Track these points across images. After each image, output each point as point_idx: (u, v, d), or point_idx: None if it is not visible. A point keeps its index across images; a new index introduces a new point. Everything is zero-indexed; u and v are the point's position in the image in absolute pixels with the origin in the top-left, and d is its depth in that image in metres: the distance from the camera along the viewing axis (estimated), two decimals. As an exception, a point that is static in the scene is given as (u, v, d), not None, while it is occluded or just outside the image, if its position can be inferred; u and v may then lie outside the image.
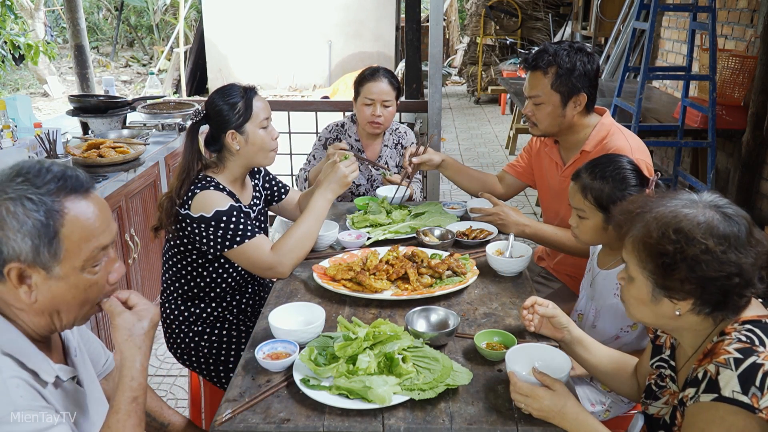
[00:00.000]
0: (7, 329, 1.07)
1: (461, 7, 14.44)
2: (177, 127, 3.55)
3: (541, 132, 2.21)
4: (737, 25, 4.36)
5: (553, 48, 2.10)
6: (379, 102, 2.64)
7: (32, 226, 1.03)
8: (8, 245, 1.03)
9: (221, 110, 1.94)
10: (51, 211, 1.04)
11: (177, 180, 1.92)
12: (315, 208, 1.98)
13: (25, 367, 1.05)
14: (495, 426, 1.31)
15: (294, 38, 10.70)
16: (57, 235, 1.05)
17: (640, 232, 1.20)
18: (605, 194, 1.73)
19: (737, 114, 4.05)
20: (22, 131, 3.05)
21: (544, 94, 2.11)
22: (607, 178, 1.74)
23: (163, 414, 1.51)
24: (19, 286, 1.05)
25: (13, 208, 1.02)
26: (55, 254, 1.05)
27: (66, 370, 1.14)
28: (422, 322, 1.65)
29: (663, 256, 1.16)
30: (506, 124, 8.13)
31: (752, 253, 1.14)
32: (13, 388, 1.00)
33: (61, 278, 1.07)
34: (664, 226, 1.16)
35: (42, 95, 10.87)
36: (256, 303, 2.19)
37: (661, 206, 1.20)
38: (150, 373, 2.97)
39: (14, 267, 1.04)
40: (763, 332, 1.14)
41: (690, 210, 1.17)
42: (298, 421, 1.33)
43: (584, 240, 1.84)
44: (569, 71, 2.07)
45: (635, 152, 2.04)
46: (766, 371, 1.08)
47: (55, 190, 1.05)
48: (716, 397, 1.10)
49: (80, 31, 4.39)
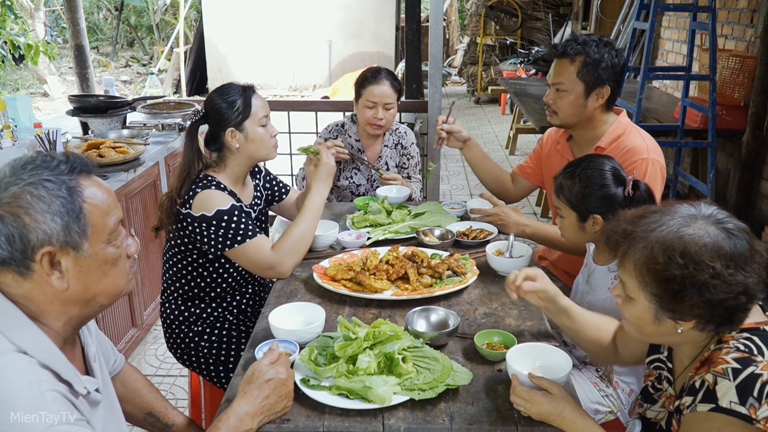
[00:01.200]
0: (42, 339, 1.06)
1: (461, 7, 14.44)
2: (177, 127, 3.55)
3: (560, 121, 2.20)
4: (737, 25, 4.36)
5: (583, 38, 2.10)
6: (381, 105, 2.64)
7: (60, 204, 1.04)
8: (38, 230, 1.02)
9: (220, 108, 1.94)
10: (71, 189, 1.06)
11: (177, 180, 1.92)
12: (312, 206, 2.00)
13: (60, 378, 1.05)
14: (495, 426, 1.31)
15: (294, 38, 10.70)
16: (82, 211, 1.06)
17: (642, 256, 1.14)
18: (574, 193, 1.75)
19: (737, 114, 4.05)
20: (22, 131, 3.05)
21: (569, 82, 2.11)
22: (576, 177, 1.75)
23: (168, 414, 1.52)
24: (51, 272, 1.05)
25: (36, 191, 1.03)
26: (83, 230, 1.06)
27: (91, 381, 1.14)
28: (422, 322, 1.65)
29: (670, 281, 1.11)
30: (506, 124, 8.13)
31: (756, 269, 1.12)
32: (51, 401, 1.00)
33: (90, 256, 1.08)
34: (669, 250, 1.11)
35: (42, 95, 10.87)
36: (256, 303, 2.19)
37: (661, 226, 1.15)
38: (150, 373, 2.97)
39: (47, 251, 1.03)
40: (762, 341, 1.13)
41: (693, 229, 1.12)
42: (298, 421, 1.33)
43: (568, 238, 1.85)
44: (596, 62, 2.06)
45: (651, 152, 2.03)
46: (764, 381, 1.07)
47: (68, 170, 1.07)
48: (714, 407, 1.09)
49: (80, 31, 4.39)
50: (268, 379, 1.32)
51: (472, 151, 2.55)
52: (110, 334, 2.81)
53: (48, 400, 0.99)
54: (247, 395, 1.30)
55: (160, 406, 1.52)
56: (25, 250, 1.02)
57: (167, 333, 2.11)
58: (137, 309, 3.06)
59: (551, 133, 2.43)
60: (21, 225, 1.02)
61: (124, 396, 1.46)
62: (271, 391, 1.31)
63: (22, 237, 1.02)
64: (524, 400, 1.30)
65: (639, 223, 1.19)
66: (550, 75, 2.18)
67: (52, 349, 1.07)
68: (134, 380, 1.51)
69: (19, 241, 1.02)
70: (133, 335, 3.04)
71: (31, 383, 0.99)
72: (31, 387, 0.99)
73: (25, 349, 1.03)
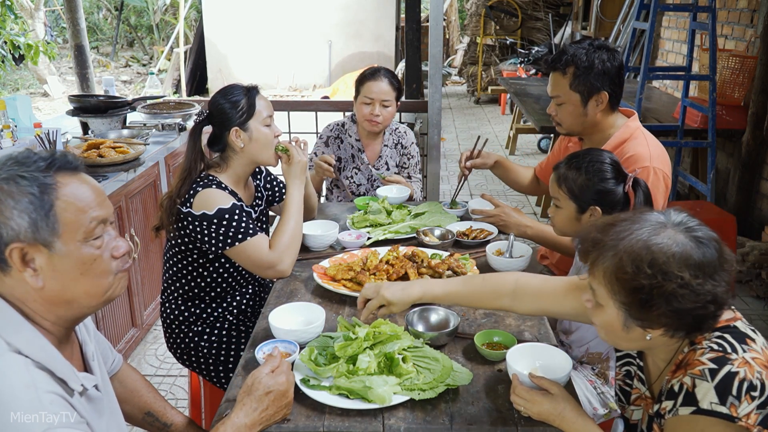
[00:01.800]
0: (35, 337, 1.06)
1: (461, 7, 14.44)
2: (177, 127, 3.55)
3: (565, 131, 2.21)
4: (737, 25, 4.36)
5: (573, 48, 2.09)
6: (378, 101, 2.64)
7: (28, 201, 1.03)
8: (7, 226, 1.03)
9: (224, 108, 1.95)
10: (44, 185, 1.05)
11: (179, 180, 1.92)
12: (292, 203, 2.01)
13: (55, 376, 1.05)
14: (495, 426, 1.31)
15: (294, 38, 10.70)
16: (53, 208, 1.05)
17: (611, 265, 1.14)
18: (578, 184, 1.76)
19: (737, 114, 4.05)
20: (22, 131, 3.05)
21: (564, 95, 2.11)
22: (582, 168, 1.76)
23: (167, 414, 1.52)
24: (24, 269, 1.05)
25: (7, 187, 1.03)
26: (53, 228, 1.05)
27: (89, 378, 1.14)
28: (422, 322, 1.65)
29: (638, 291, 1.11)
30: (506, 124, 8.13)
31: (725, 277, 1.12)
32: (48, 404, 0.99)
33: (65, 255, 1.07)
34: (637, 260, 1.11)
35: (42, 95, 10.87)
36: (256, 303, 2.19)
37: (630, 234, 1.14)
38: (150, 373, 2.97)
39: (15, 247, 1.03)
40: (733, 337, 1.14)
41: (661, 239, 1.11)
42: (298, 421, 1.33)
43: (560, 229, 1.86)
44: (587, 70, 2.05)
45: (654, 160, 2.01)
46: (741, 379, 1.08)
47: (45, 167, 1.07)
48: (695, 410, 1.10)
49: (80, 31, 4.39)
50: (267, 391, 1.30)
51: (499, 170, 2.58)
52: (110, 334, 2.81)
53: (45, 402, 0.99)
54: (246, 407, 1.29)
55: (158, 405, 1.52)
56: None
57: (167, 333, 2.11)
58: (137, 309, 3.06)
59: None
60: None
61: (122, 396, 1.46)
62: (271, 403, 1.30)
63: None
64: (525, 399, 1.30)
65: (609, 232, 1.18)
66: (548, 88, 2.18)
67: (46, 347, 1.06)
68: (133, 380, 1.50)
69: None
70: (133, 335, 3.04)
71: (27, 386, 0.99)
72: (28, 390, 0.98)
73: (19, 348, 1.02)
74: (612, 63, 2.07)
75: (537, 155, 6.99)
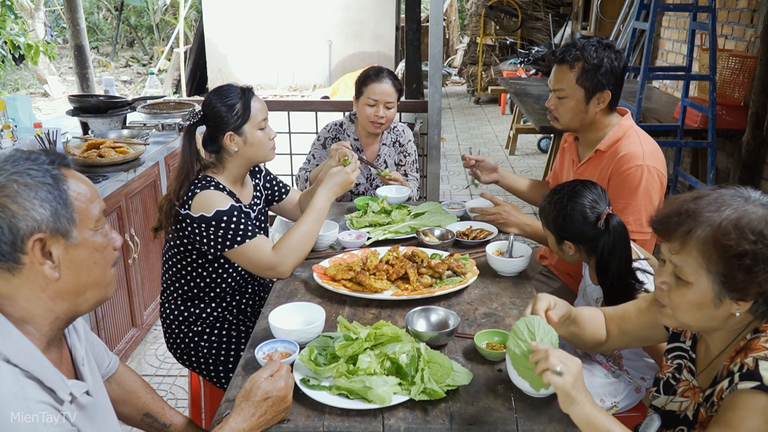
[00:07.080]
0: (25, 344, 1.05)
1: (461, 7, 14.44)
2: (177, 127, 3.55)
3: (562, 126, 2.20)
4: (737, 25, 4.36)
5: (581, 42, 2.09)
6: (382, 103, 2.64)
7: (47, 191, 1.04)
8: (27, 217, 1.02)
9: (219, 112, 1.93)
10: (56, 176, 1.07)
11: (176, 181, 1.92)
12: (316, 208, 1.99)
13: (43, 385, 1.04)
14: (495, 426, 1.31)
15: (294, 38, 10.70)
16: (68, 197, 1.07)
17: (709, 233, 1.14)
18: (551, 219, 1.84)
19: (737, 114, 4.05)
20: (22, 131, 3.05)
21: (569, 89, 2.10)
22: (555, 204, 1.83)
23: (165, 414, 1.51)
24: (44, 261, 1.05)
25: (21, 179, 1.04)
26: (71, 217, 1.06)
27: (79, 385, 1.13)
28: (422, 322, 1.65)
29: (741, 257, 1.12)
30: (506, 124, 8.12)
31: None
32: (38, 412, 0.99)
33: (80, 243, 1.08)
34: (740, 225, 1.12)
35: (42, 95, 10.87)
36: (256, 303, 2.19)
37: (724, 204, 1.16)
38: (150, 373, 2.97)
39: (37, 238, 1.03)
40: None
41: (754, 208, 1.14)
42: (298, 421, 1.33)
43: (553, 250, 1.92)
44: (596, 67, 2.05)
45: (647, 159, 2.02)
46: None
47: (48, 161, 1.08)
48: (758, 385, 1.09)
49: (80, 31, 4.40)
50: (266, 397, 1.30)
51: (506, 179, 2.57)
52: (110, 334, 2.81)
53: (34, 411, 0.99)
54: (243, 411, 1.29)
55: (157, 406, 1.51)
56: (15, 241, 1.02)
57: (167, 333, 2.11)
58: (137, 309, 3.06)
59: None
60: (9, 215, 1.01)
61: (120, 397, 1.45)
62: (269, 408, 1.30)
63: (11, 227, 1.01)
64: (563, 364, 1.19)
65: (701, 202, 1.19)
66: (550, 80, 2.17)
67: (35, 355, 1.05)
68: (130, 381, 1.50)
69: (8, 233, 1.01)
70: (133, 335, 3.04)
71: (17, 396, 0.99)
72: (17, 400, 0.98)
73: (8, 356, 1.01)
74: (618, 63, 2.08)
75: (537, 155, 6.99)
